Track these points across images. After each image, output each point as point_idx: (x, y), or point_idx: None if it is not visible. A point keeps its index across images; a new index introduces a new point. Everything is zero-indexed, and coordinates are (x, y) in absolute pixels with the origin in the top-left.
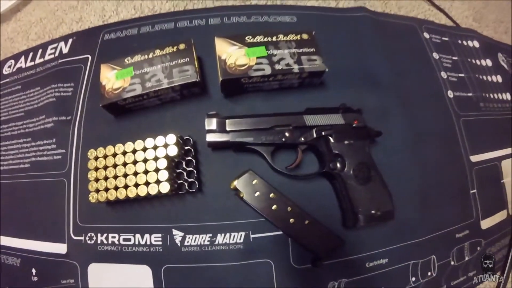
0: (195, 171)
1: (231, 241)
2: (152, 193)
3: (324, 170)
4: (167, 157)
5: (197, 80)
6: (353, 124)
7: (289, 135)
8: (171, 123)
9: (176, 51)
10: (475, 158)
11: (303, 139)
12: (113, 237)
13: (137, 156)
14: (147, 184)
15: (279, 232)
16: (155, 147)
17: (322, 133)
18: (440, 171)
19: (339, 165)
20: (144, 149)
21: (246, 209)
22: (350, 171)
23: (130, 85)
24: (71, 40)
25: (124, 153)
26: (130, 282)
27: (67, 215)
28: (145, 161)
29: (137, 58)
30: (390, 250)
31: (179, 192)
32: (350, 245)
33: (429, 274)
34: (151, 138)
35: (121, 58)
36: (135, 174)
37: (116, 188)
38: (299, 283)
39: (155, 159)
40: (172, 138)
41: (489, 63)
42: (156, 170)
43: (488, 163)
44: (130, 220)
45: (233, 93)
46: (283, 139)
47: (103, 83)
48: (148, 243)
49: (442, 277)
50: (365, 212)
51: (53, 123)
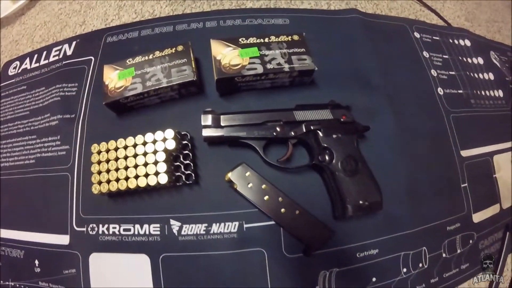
0: (191, 164)
1: (225, 231)
2: (151, 184)
3: (314, 162)
4: (166, 151)
5: (194, 79)
6: (341, 119)
7: (280, 129)
8: (170, 120)
9: (175, 52)
10: (466, 153)
11: (293, 133)
12: (114, 227)
13: (138, 149)
14: (147, 175)
15: (271, 222)
16: (154, 141)
17: (311, 127)
18: (430, 165)
19: (327, 157)
20: (144, 143)
21: (240, 200)
22: (338, 163)
23: (131, 84)
24: (75, 43)
25: (125, 147)
26: (129, 270)
27: (70, 207)
28: (145, 154)
29: (138, 59)
30: (380, 241)
31: (177, 184)
32: (341, 235)
33: (420, 265)
34: (150, 133)
35: (123, 60)
36: (136, 166)
37: (117, 180)
38: (291, 272)
39: (154, 152)
40: (171, 133)
41: (481, 61)
42: (155, 163)
43: (479, 158)
44: (130, 211)
45: (228, 92)
46: (274, 133)
47: (106, 83)
48: (147, 232)
49: (433, 269)
50: (353, 203)
51: (58, 121)
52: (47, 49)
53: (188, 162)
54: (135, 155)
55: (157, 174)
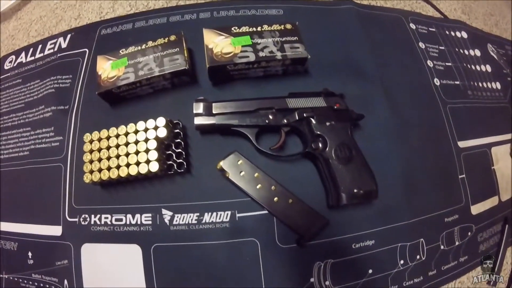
0: (183, 153)
1: (217, 220)
2: (142, 172)
3: (307, 150)
4: (157, 139)
5: (186, 68)
6: (334, 107)
7: (272, 117)
8: (163, 109)
9: (167, 42)
10: (463, 144)
11: (285, 121)
12: (106, 217)
13: (129, 138)
14: (138, 164)
15: (265, 212)
16: (146, 129)
17: (304, 114)
18: (426, 155)
19: (321, 145)
20: (136, 132)
21: (232, 189)
22: (332, 151)
23: (124, 74)
24: (69, 36)
25: (117, 136)
26: (121, 261)
27: (63, 198)
28: (136, 142)
29: (131, 49)
30: (377, 231)
31: (168, 173)
32: (336, 225)
33: (418, 257)
34: (142, 122)
35: (116, 50)
36: (127, 155)
37: (109, 169)
38: (284, 263)
39: (146, 140)
40: (162, 121)
41: (478, 53)
42: (147, 151)
43: (477, 149)
44: (122, 201)
45: (220, 81)
46: (266, 121)
47: (99, 73)
48: (139, 222)
49: (431, 261)
50: (347, 191)
51: (52, 112)
52: (42, 42)
53: (179, 150)
54: (126, 144)
55: (148, 162)
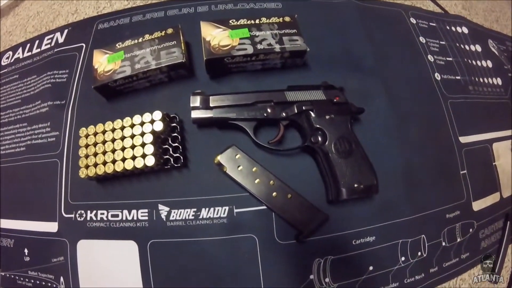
0: (180, 147)
1: (215, 216)
2: (138, 166)
3: (306, 144)
4: (153, 132)
5: (183, 61)
6: (334, 100)
7: (270, 110)
8: (159, 103)
9: (164, 35)
10: (464, 139)
11: (284, 114)
12: (102, 213)
13: (125, 132)
14: (134, 158)
15: (263, 207)
16: (142, 123)
17: (303, 108)
18: (427, 150)
19: (320, 139)
20: (132, 125)
21: (230, 183)
22: (331, 144)
23: (120, 67)
24: (66, 31)
25: (113, 130)
26: (117, 257)
27: (59, 194)
28: (132, 136)
29: (127, 43)
30: (377, 227)
31: (165, 167)
32: (336, 221)
33: (419, 254)
34: (138, 115)
35: (113, 44)
36: (123, 149)
37: (104, 163)
38: (283, 259)
39: (142, 134)
40: (158, 114)
41: (479, 48)
42: (143, 145)
43: (478, 145)
44: (118, 197)
45: (218, 74)
46: (265, 114)
47: (95, 67)
48: (135, 218)
49: (433, 258)
50: (347, 185)
51: (48, 108)
52: (39, 38)
53: (176, 144)
54: (122, 138)
55: (144, 156)
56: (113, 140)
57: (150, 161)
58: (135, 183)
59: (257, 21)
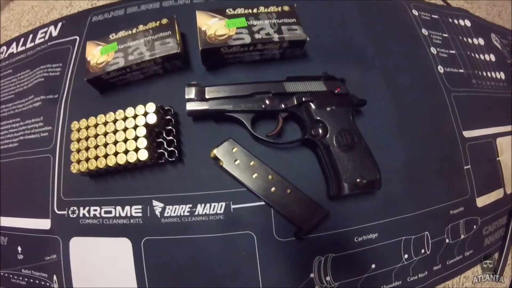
0: (175, 141)
1: (211, 212)
2: (131, 160)
3: (306, 137)
4: (147, 125)
5: (178, 51)
6: (335, 91)
7: (269, 102)
8: (154, 96)
9: (159, 26)
10: (468, 133)
11: (283, 106)
12: (95, 210)
13: (118, 125)
14: (126, 152)
15: (261, 203)
16: (135, 116)
17: (302, 99)
18: (430, 145)
19: (321, 131)
20: (125, 118)
21: (227, 178)
22: (333, 137)
23: (113, 59)
24: (60, 24)
25: (105, 123)
26: (110, 255)
27: (52, 190)
28: (125, 130)
29: (121, 34)
30: (380, 224)
31: (159, 162)
32: (337, 217)
33: (422, 251)
34: (131, 108)
35: (106, 36)
36: (115, 143)
37: (96, 158)
38: (282, 257)
39: (135, 127)
40: (152, 106)
41: (481, 41)
42: (135, 138)
43: (482, 140)
44: (111, 192)
45: (214, 65)
46: (263, 106)
47: (88, 59)
48: (129, 215)
49: (436, 255)
50: (349, 180)
51: (41, 102)
52: (33, 32)
53: (171, 138)
54: (114, 131)
55: (137, 150)
56: (105, 134)
57: (144, 155)
58: (128, 178)
59: (254, 10)
